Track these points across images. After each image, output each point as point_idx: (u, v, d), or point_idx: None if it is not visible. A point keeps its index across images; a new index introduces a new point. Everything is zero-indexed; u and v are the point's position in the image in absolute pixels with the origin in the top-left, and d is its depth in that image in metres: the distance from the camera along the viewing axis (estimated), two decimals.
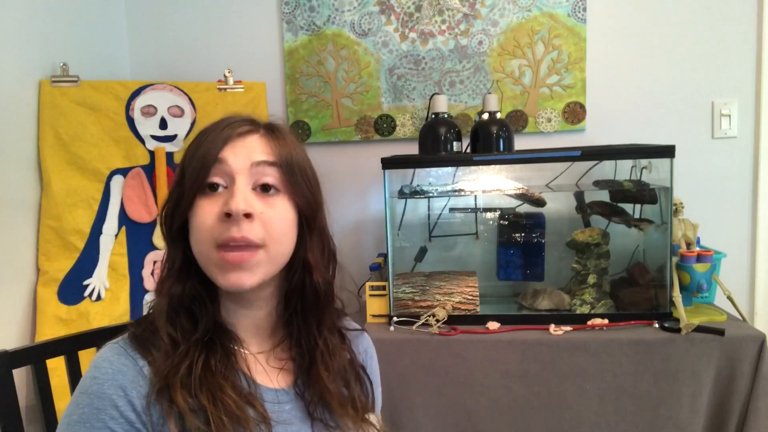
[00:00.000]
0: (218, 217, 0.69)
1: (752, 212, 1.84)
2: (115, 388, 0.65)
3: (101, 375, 0.66)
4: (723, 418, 1.38)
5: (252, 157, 0.71)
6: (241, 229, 0.68)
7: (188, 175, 0.71)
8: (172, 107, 1.69)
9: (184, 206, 0.71)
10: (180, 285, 0.73)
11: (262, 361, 0.77)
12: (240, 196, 0.68)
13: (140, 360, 0.68)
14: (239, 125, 0.74)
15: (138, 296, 1.62)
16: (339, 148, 1.94)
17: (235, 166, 0.70)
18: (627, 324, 1.47)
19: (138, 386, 0.66)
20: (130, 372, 0.67)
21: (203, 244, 0.70)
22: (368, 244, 1.94)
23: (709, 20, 1.80)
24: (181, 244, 0.73)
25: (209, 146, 0.71)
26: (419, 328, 1.50)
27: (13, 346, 0.97)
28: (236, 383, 0.70)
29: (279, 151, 0.73)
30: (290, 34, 1.92)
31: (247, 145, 0.72)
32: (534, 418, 1.41)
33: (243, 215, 0.68)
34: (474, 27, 1.86)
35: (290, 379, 0.79)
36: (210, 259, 0.70)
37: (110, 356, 0.68)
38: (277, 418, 0.72)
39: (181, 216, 0.72)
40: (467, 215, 1.81)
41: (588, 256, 1.59)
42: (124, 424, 0.64)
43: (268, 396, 0.74)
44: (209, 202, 0.70)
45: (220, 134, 0.72)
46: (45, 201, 1.55)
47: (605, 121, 1.86)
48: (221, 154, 0.71)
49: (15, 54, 1.49)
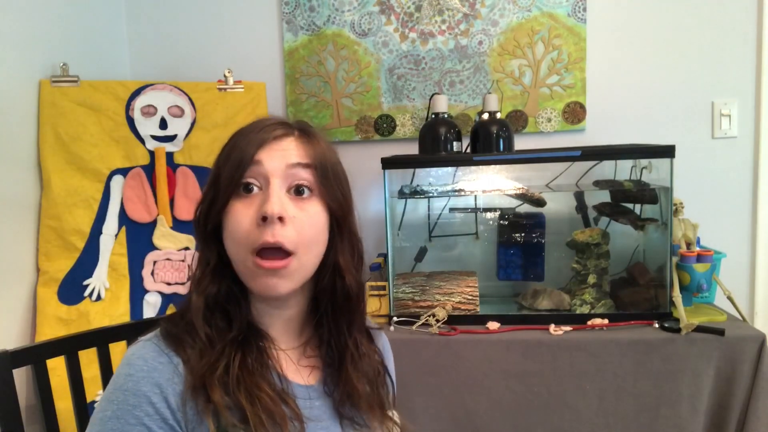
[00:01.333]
0: (253, 221, 0.69)
1: (752, 212, 1.84)
2: (150, 385, 0.65)
3: (136, 372, 0.66)
4: (723, 418, 1.38)
5: (287, 159, 0.72)
6: (275, 234, 0.68)
7: (224, 176, 0.71)
8: (172, 107, 1.69)
9: (218, 207, 0.72)
10: (215, 285, 0.73)
11: (291, 358, 0.78)
12: (275, 198, 0.69)
13: (175, 357, 0.68)
14: (274, 128, 0.74)
15: (138, 296, 1.62)
16: (339, 148, 1.89)
17: (270, 168, 0.71)
18: (627, 324, 1.47)
19: (173, 384, 0.66)
20: (165, 369, 0.67)
21: (238, 247, 0.70)
22: (368, 244, 1.94)
23: (709, 20, 1.80)
24: (215, 245, 0.74)
25: (244, 148, 0.71)
26: (419, 328, 1.50)
27: (13, 346, 0.97)
28: (271, 381, 0.71)
29: (313, 153, 0.74)
30: (290, 34, 1.92)
31: (283, 147, 0.73)
32: (534, 418, 1.41)
33: (277, 219, 0.68)
34: (474, 27, 1.86)
35: (319, 376, 0.80)
36: (245, 264, 0.71)
37: (145, 353, 0.68)
38: (309, 415, 0.73)
39: (215, 217, 0.72)
40: (467, 215, 1.81)
41: (588, 256, 1.59)
42: (159, 421, 0.65)
43: (299, 392, 0.75)
44: (244, 205, 0.70)
45: (255, 137, 0.72)
46: (45, 201, 1.55)
47: (605, 121, 1.86)
48: (257, 155, 0.71)
49: (15, 54, 1.49)
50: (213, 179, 0.73)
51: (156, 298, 1.63)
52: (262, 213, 0.68)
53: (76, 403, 1.04)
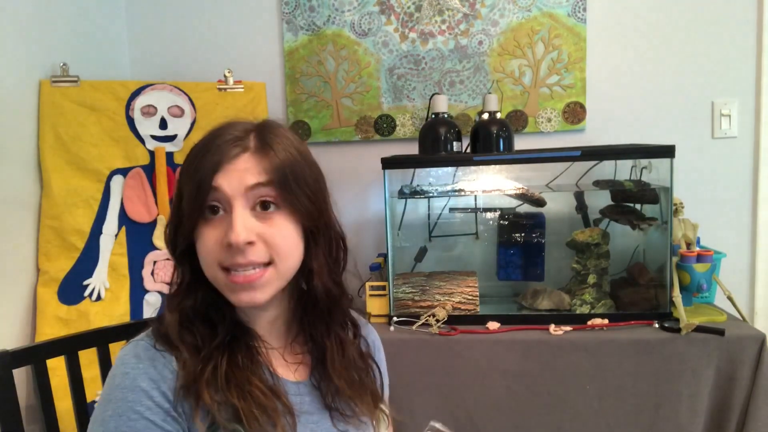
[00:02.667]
0: (221, 243, 0.69)
1: (752, 212, 1.84)
2: (147, 380, 0.66)
3: (132, 370, 0.67)
4: (723, 418, 1.38)
5: (245, 181, 0.69)
6: (246, 256, 0.69)
7: (186, 200, 0.71)
8: (172, 107, 1.69)
9: (187, 230, 0.72)
10: (191, 298, 0.74)
11: (279, 356, 0.79)
12: (239, 226, 0.68)
13: (167, 354, 0.70)
14: (228, 147, 0.71)
15: (138, 296, 1.62)
16: (339, 148, 1.94)
17: (230, 192, 0.69)
18: (627, 324, 1.47)
19: (168, 380, 0.67)
20: (159, 365, 0.68)
21: (210, 267, 0.71)
22: (368, 244, 1.94)
23: (709, 20, 1.80)
24: (188, 260, 0.74)
25: (202, 173, 0.69)
26: (419, 328, 1.50)
27: (13, 346, 0.97)
28: (262, 377, 0.72)
29: (270, 166, 0.70)
30: (290, 34, 1.92)
31: (239, 168, 0.70)
32: (534, 418, 1.41)
33: (245, 244, 0.68)
34: (474, 27, 1.86)
35: (307, 372, 0.81)
36: (219, 281, 0.71)
37: (138, 352, 0.70)
38: (300, 410, 0.74)
39: (185, 239, 0.72)
40: (467, 215, 1.81)
41: (588, 256, 1.59)
42: (161, 413, 0.65)
43: (289, 389, 0.76)
44: (211, 228, 0.70)
45: (211, 158, 0.70)
46: (45, 201, 1.55)
47: (605, 121, 1.86)
48: (215, 182, 0.69)
49: (15, 54, 1.49)
50: (177, 201, 0.73)
51: (156, 298, 1.63)
52: (227, 241, 0.68)
53: (76, 403, 1.04)
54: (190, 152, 0.74)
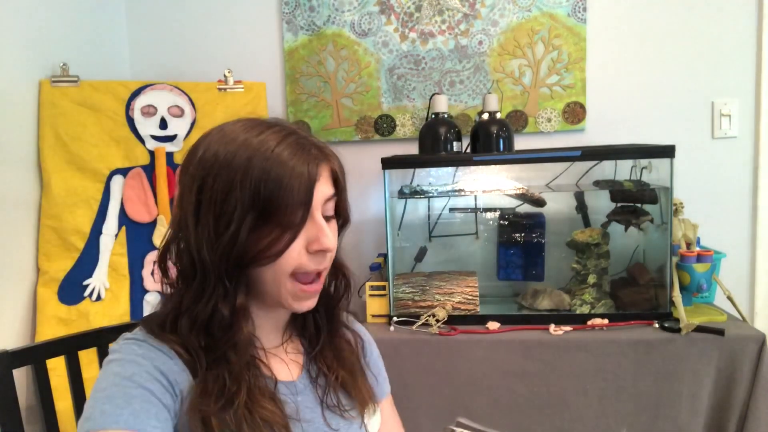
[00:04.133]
0: (302, 250, 0.70)
1: (752, 212, 1.84)
2: (147, 360, 0.66)
3: (128, 354, 0.67)
4: (723, 418, 1.38)
5: (324, 194, 0.72)
6: (324, 262, 0.73)
7: (277, 213, 0.67)
8: (172, 107, 1.69)
9: (269, 243, 0.68)
10: (224, 308, 0.70)
11: (273, 356, 0.79)
12: (329, 233, 0.71)
13: (167, 350, 0.69)
14: (316, 160, 0.71)
15: (138, 296, 1.62)
16: (339, 148, 1.89)
17: (315, 204, 0.71)
18: (627, 324, 1.47)
19: (168, 366, 0.67)
20: (159, 355, 0.68)
21: (282, 274, 0.70)
22: (368, 244, 1.94)
23: (709, 20, 1.80)
24: (243, 276, 0.71)
25: (300, 186, 0.68)
26: (419, 328, 1.50)
27: (13, 346, 0.97)
28: (265, 389, 0.72)
29: (336, 177, 0.75)
30: (290, 34, 1.92)
31: (321, 177, 0.72)
32: (534, 418, 1.42)
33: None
34: (474, 27, 1.86)
35: (299, 371, 0.81)
36: (284, 287, 0.71)
37: (137, 339, 0.70)
38: (290, 411, 0.74)
39: (263, 253, 0.68)
40: (467, 215, 1.81)
41: (588, 256, 1.59)
42: (159, 386, 0.65)
43: (283, 389, 0.76)
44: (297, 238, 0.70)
45: (304, 169, 0.68)
46: (45, 201, 1.55)
47: (605, 121, 1.86)
48: (313, 197, 0.69)
49: (15, 54, 1.49)
50: (250, 207, 0.67)
51: (156, 298, 1.63)
52: (320, 247, 0.70)
53: (76, 403, 1.04)
54: (260, 156, 0.67)
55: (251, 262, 0.69)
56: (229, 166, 0.67)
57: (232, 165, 0.67)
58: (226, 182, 0.67)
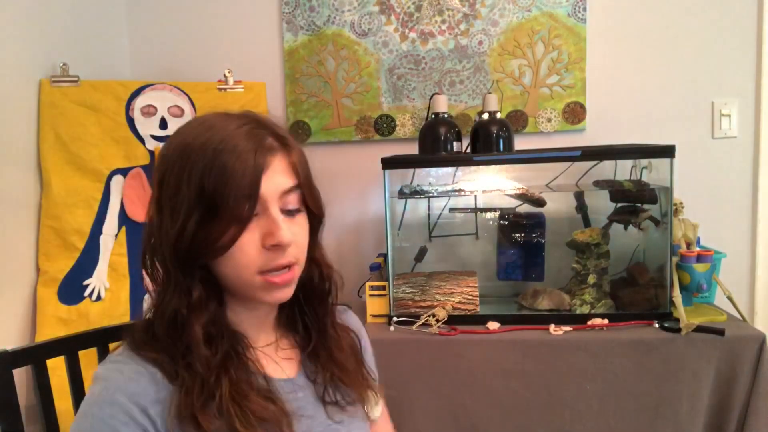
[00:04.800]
0: (259, 246, 0.69)
1: (752, 212, 1.84)
2: (126, 396, 0.65)
3: (111, 384, 0.66)
4: (723, 418, 1.38)
5: (281, 186, 0.70)
6: (286, 256, 0.70)
7: (222, 206, 0.66)
8: (172, 107, 1.69)
9: (215, 236, 0.67)
10: (203, 312, 0.70)
11: (267, 354, 0.78)
12: (284, 227, 0.69)
13: (150, 367, 0.68)
14: (268, 151, 0.69)
15: (138, 296, 1.62)
16: (339, 148, 1.94)
17: (268, 196, 0.69)
18: (627, 324, 1.47)
19: (151, 392, 0.66)
20: (142, 380, 0.66)
21: (244, 270, 0.69)
22: (368, 244, 1.93)
23: (709, 20, 1.80)
24: (195, 269, 0.70)
25: (245, 175, 0.66)
26: (419, 328, 1.50)
27: (13, 346, 0.97)
28: (255, 384, 0.71)
29: (298, 169, 0.72)
30: (290, 34, 1.92)
31: (276, 169, 0.70)
32: (534, 417, 1.41)
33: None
34: (474, 27, 1.86)
35: (296, 367, 0.81)
36: (252, 283, 0.70)
37: (118, 367, 0.68)
38: (294, 408, 0.73)
39: (210, 246, 0.67)
40: (467, 215, 1.81)
41: (588, 256, 1.59)
42: (136, 428, 0.63)
43: (282, 387, 0.75)
44: (247, 232, 0.68)
45: (251, 159, 0.67)
46: (45, 201, 1.55)
47: (605, 121, 1.86)
48: (261, 189, 0.68)
49: (15, 54, 1.49)
50: (196, 200, 0.66)
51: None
52: (273, 242, 0.68)
53: (76, 403, 1.04)
54: (208, 145, 0.67)
55: (202, 256, 0.69)
56: (181, 160, 0.68)
57: (183, 158, 0.68)
58: (178, 176, 0.68)
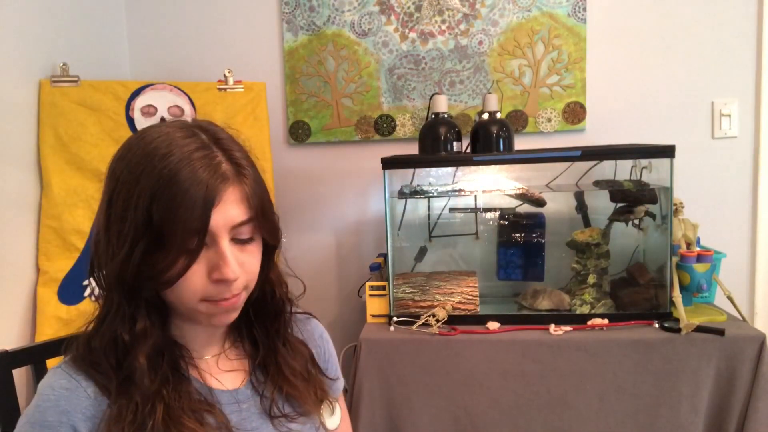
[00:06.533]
0: (205, 277, 0.67)
1: (752, 212, 1.84)
2: (57, 414, 0.64)
3: (43, 402, 0.65)
4: (723, 418, 1.38)
5: (232, 219, 0.67)
6: (231, 289, 0.68)
7: (170, 238, 0.63)
8: (172, 107, 1.69)
9: (162, 267, 0.64)
10: (128, 324, 0.69)
11: (212, 365, 0.77)
12: (232, 263, 0.66)
13: (84, 381, 0.67)
14: (218, 182, 0.65)
15: None
16: (339, 148, 1.94)
17: (218, 229, 0.66)
18: (627, 324, 1.47)
19: (83, 409, 0.65)
20: (72, 396, 0.66)
21: (188, 299, 0.68)
22: (368, 244, 1.94)
23: (709, 20, 1.80)
24: (143, 301, 0.68)
25: (193, 210, 0.63)
26: (419, 328, 1.50)
27: (13, 346, 0.97)
28: (193, 403, 0.69)
29: (251, 199, 0.68)
30: (290, 34, 1.92)
31: (228, 200, 0.66)
32: (534, 418, 1.41)
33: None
34: (474, 27, 1.86)
35: (245, 379, 0.79)
36: (196, 309, 0.69)
37: (52, 381, 0.67)
38: (237, 420, 0.73)
39: (156, 278, 0.65)
40: (467, 215, 1.81)
41: (588, 256, 1.59)
42: None
43: (223, 398, 0.74)
44: (194, 263, 0.66)
45: (199, 194, 0.63)
46: (45, 201, 1.55)
47: (605, 121, 1.86)
48: (210, 224, 0.64)
49: (15, 54, 1.49)
50: (143, 228, 0.63)
51: None
52: (220, 277, 0.66)
53: None
54: (143, 173, 0.64)
55: (148, 288, 0.67)
56: (129, 183, 0.65)
57: (132, 181, 0.65)
58: (126, 199, 0.65)
